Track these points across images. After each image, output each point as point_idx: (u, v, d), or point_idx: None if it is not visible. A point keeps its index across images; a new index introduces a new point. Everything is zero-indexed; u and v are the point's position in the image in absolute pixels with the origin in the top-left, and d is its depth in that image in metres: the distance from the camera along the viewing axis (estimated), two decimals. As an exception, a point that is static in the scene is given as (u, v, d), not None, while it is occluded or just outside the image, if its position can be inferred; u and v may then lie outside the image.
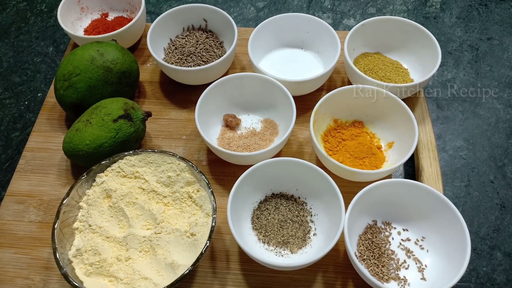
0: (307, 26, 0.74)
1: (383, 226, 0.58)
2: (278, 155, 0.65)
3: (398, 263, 0.55)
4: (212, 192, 0.54)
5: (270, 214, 0.59)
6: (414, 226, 0.58)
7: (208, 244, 0.50)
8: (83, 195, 0.57)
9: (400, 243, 0.57)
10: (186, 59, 0.73)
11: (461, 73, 0.79)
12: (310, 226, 0.58)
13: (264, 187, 0.60)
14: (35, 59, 0.83)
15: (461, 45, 0.82)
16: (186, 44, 0.75)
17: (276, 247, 0.57)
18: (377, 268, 0.54)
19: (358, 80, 0.66)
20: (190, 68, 0.68)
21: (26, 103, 0.77)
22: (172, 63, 0.72)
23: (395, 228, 0.58)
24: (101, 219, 0.56)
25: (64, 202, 0.53)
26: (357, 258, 0.51)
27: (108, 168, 0.58)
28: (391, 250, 0.56)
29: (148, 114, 0.64)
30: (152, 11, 0.90)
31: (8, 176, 0.67)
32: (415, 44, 0.71)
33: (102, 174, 0.58)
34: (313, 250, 0.56)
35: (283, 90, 0.64)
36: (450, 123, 0.72)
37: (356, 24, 0.71)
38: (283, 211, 0.59)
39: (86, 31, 0.79)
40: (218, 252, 0.58)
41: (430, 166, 0.63)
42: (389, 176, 0.63)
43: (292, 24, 0.74)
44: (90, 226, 0.55)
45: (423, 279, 0.54)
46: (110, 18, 0.82)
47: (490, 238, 0.62)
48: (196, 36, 0.76)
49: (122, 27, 0.73)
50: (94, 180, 0.58)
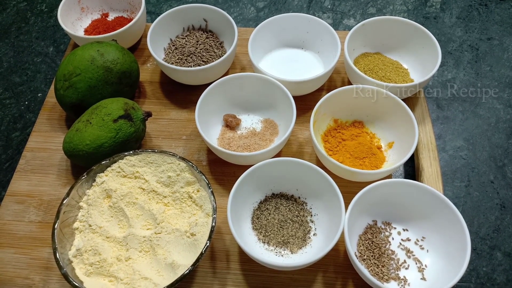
0: (307, 26, 0.74)
1: (383, 226, 0.58)
2: (278, 155, 0.65)
3: (398, 263, 0.55)
4: (212, 192, 0.54)
5: (270, 214, 0.59)
6: (414, 226, 0.58)
7: (208, 244, 0.50)
8: (83, 195, 0.57)
9: (400, 243, 0.57)
10: (186, 59, 0.73)
11: (461, 73, 0.79)
12: (310, 226, 0.58)
13: (264, 187, 0.60)
14: (35, 59, 0.83)
15: (461, 45, 0.82)
16: (186, 44, 0.75)
17: (276, 247, 0.57)
18: (377, 268, 0.54)
19: (358, 80, 0.66)
20: (190, 68, 0.68)
21: (26, 103, 0.77)
22: (172, 63, 0.72)
23: (395, 228, 0.58)
24: (101, 219, 0.56)
25: (64, 202, 0.53)
26: (357, 258, 0.51)
27: (108, 168, 0.58)
28: (391, 250, 0.56)
29: (148, 114, 0.64)
30: (152, 11, 0.90)
31: (8, 176, 0.68)
32: (415, 44, 0.71)
33: (102, 174, 0.58)
34: (313, 250, 0.56)
35: (283, 90, 0.64)
36: (450, 123, 0.72)
37: (356, 24, 0.71)
38: (283, 211, 0.59)
39: (86, 31, 0.79)
40: (218, 252, 0.58)
41: (430, 166, 0.63)
42: (389, 176, 0.63)
43: (292, 24, 0.74)
44: (90, 226, 0.55)
45: (423, 279, 0.54)
46: (110, 18, 0.82)
47: (490, 238, 0.62)
48: (196, 36, 0.76)
49: (122, 27, 0.73)
50: (94, 180, 0.58)
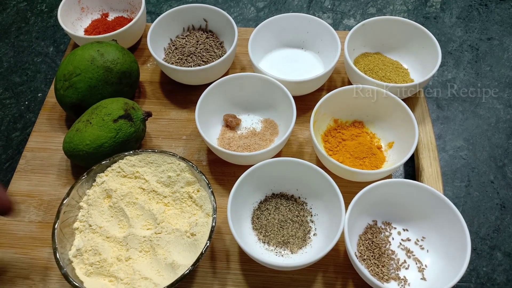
0: (307, 26, 0.74)
1: (383, 226, 0.58)
2: (278, 155, 0.65)
3: (398, 263, 0.55)
4: (212, 192, 0.54)
5: (270, 214, 0.59)
6: (414, 226, 0.58)
7: (208, 244, 0.50)
8: (83, 195, 0.57)
9: (400, 243, 0.57)
10: (186, 59, 0.73)
11: (461, 73, 0.79)
12: (310, 226, 0.58)
13: (264, 187, 0.60)
14: (36, 59, 0.83)
15: (461, 45, 0.82)
16: (186, 44, 0.75)
17: (276, 247, 0.57)
18: (377, 268, 0.54)
19: (358, 80, 0.66)
20: (190, 68, 0.68)
21: (26, 103, 0.77)
22: (172, 63, 0.72)
23: (395, 228, 0.58)
24: (101, 219, 0.56)
25: (64, 202, 0.53)
26: (357, 258, 0.51)
27: (108, 168, 0.58)
28: (391, 250, 0.56)
29: (148, 114, 0.64)
30: (152, 11, 0.90)
31: (8, 176, 0.67)
32: (415, 44, 0.71)
33: (102, 174, 0.58)
34: (313, 250, 0.56)
35: (283, 90, 0.64)
36: (450, 123, 0.72)
37: (356, 24, 0.71)
38: (283, 211, 0.59)
39: (86, 31, 0.79)
40: (218, 252, 0.58)
41: (430, 166, 0.63)
42: (389, 176, 0.63)
43: (292, 24, 0.74)
44: (90, 226, 0.55)
45: (423, 279, 0.54)
46: (110, 18, 0.82)
47: (490, 238, 0.62)
48: (196, 36, 0.76)
49: (122, 27, 0.73)
50: (94, 180, 0.58)
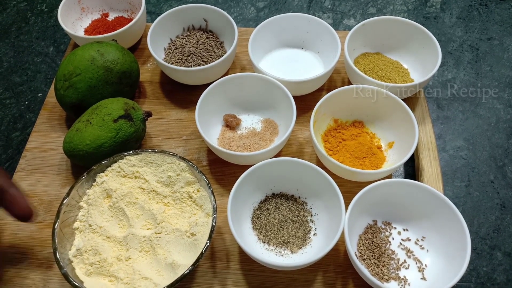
0: (307, 26, 0.74)
1: (383, 226, 0.58)
2: (278, 155, 0.65)
3: (398, 263, 0.55)
4: (212, 192, 0.54)
5: (270, 214, 0.59)
6: (414, 226, 0.58)
7: (208, 244, 0.50)
8: (83, 195, 0.57)
9: (400, 243, 0.57)
10: (186, 59, 0.73)
11: (461, 73, 0.79)
12: (310, 226, 0.58)
13: (264, 187, 0.60)
14: (36, 59, 0.83)
15: (461, 45, 0.82)
16: (187, 44, 0.75)
17: (276, 247, 0.57)
18: (377, 268, 0.54)
19: (358, 80, 0.66)
20: (190, 68, 0.68)
21: (27, 103, 0.77)
22: (173, 63, 0.72)
23: (395, 228, 0.58)
24: (101, 219, 0.56)
25: (64, 202, 0.53)
26: (357, 258, 0.51)
27: (108, 168, 0.58)
28: (391, 250, 0.56)
29: (148, 114, 0.64)
30: (152, 11, 0.90)
31: (8, 176, 0.67)
32: (415, 44, 0.71)
33: (102, 174, 0.58)
34: (313, 250, 0.56)
35: (283, 90, 0.64)
36: (450, 123, 0.72)
37: (356, 24, 0.71)
38: (283, 211, 0.59)
39: (87, 31, 0.79)
40: (218, 252, 0.58)
41: (430, 166, 0.63)
42: (389, 176, 0.63)
43: (292, 24, 0.74)
44: (90, 226, 0.55)
45: (423, 279, 0.54)
46: (111, 18, 0.82)
47: (490, 238, 0.62)
48: (196, 36, 0.76)
49: (122, 27, 0.73)
50: (94, 180, 0.58)
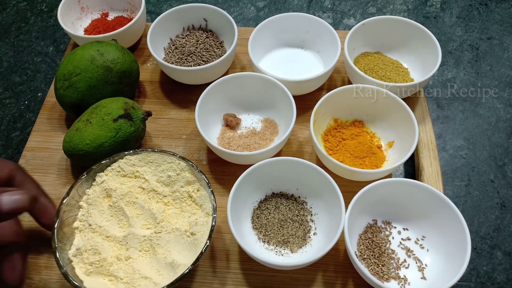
0: (307, 25, 0.74)
1: (383, 226, 0.58)
2: (278, 155, 0.65)
3: (398, 262, 0.55)
4: (212, 191, 0.54)
5: (270, 213, 0.59)
6: (414, 225, 0.58)
7: (208, 243, 0.50)
8: (83, 194, 0.57)
9: (400, 243, 0.57)
10: (186, 59, 0.73)
11: (461, 72, 0.79)
12: (310, 226, 0.58)
13: (264, 187, 0.60)
14: (35, 58, 0.83)
15: (461, 44, 0.82)
16: (186, 43, 0.75)
17: (276, 246, 0.57)
18: (377, 267, 0.54)
19: (358, 80, 0.66)
20: (190, 68, 0.68)
21: (26, 102, 0.77)
22: (172, 63, 0.72)
23: (395, 227, 0.58)
24: (101, 218, 0.56)
25: (64, 201, 0.53)
26: (357, 257, 0.51)
27: (108, 168, 0.58)
28: (391, 250, 0.56)
29: (148, 114, 0.64)
30: (152, 10, 0.90)
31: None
32: (415, 43, 0.71)
33: (102, 174, 0.58)
34: (313, 250, 0.56)
35: (283, 89, 0.64)
36: (450, 123, 0.72)
37: (356, 23, 0.71)
38: (283, 210, 0.59)
39: (86, 31, 0.79)
40: (218, 251, 0.58)
41: (430, 165, 0.63)
42: (389, 176, 0.63)
43: (292, 23, 0.74)
44: (90, 225, 0.55)
45: (423, 278, 0.54)
46: (110, 17, 0.82)
47: (490, 237, 0.62)
48: (196, 35, 0.76)
49: (122, 26, 0.73)
50: (94, 179, 0.58)
